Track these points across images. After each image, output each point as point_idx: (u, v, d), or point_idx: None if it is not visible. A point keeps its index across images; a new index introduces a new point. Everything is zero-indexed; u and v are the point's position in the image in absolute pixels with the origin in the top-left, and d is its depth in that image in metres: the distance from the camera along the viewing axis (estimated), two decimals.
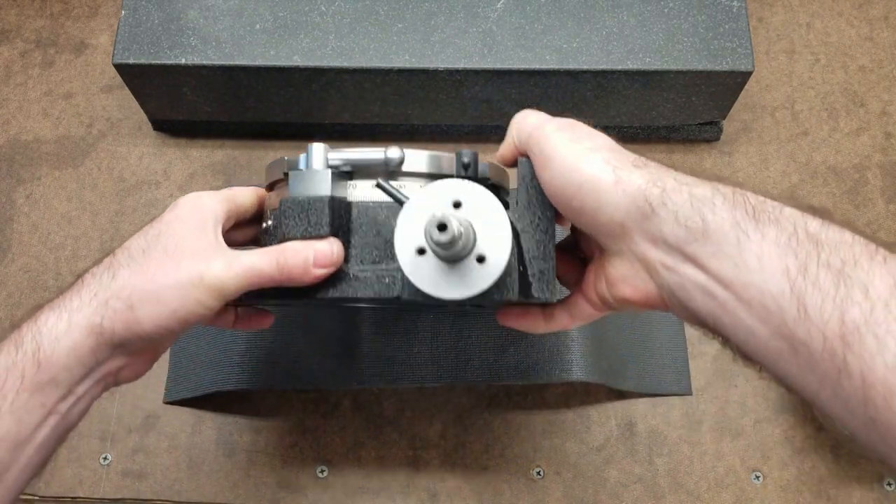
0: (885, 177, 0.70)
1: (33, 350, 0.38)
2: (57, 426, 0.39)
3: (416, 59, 0.62)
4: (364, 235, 0.40)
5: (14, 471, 0.38)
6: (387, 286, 0.39)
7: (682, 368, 0.65)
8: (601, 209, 0.35)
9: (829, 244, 0.31)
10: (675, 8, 0.64)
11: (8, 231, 0.70)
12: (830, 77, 0.74)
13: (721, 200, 0.33)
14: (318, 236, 0.40)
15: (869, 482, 0.61)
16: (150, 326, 0.39)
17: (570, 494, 0.61)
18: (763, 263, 0.31)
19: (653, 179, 0.35)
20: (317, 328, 0.61)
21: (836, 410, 0.30)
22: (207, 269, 0.39)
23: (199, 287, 0.39)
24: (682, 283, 0.34)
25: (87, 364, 0.39)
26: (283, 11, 0.64)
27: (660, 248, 0.35)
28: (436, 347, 0.60)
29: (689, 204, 0.33)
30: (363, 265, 0.40)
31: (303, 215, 0.40)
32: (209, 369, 0.61)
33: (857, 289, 0.29)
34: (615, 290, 0.38)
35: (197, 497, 0.62)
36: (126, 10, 0.64)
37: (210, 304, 0.39)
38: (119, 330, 0.39)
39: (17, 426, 0.38)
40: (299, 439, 0.63)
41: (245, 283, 0.39)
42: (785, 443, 0.62)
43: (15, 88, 0.75)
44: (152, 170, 0.72)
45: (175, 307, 0.39)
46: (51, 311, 0.39)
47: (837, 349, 0.29)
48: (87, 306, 0.39)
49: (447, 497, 0.61)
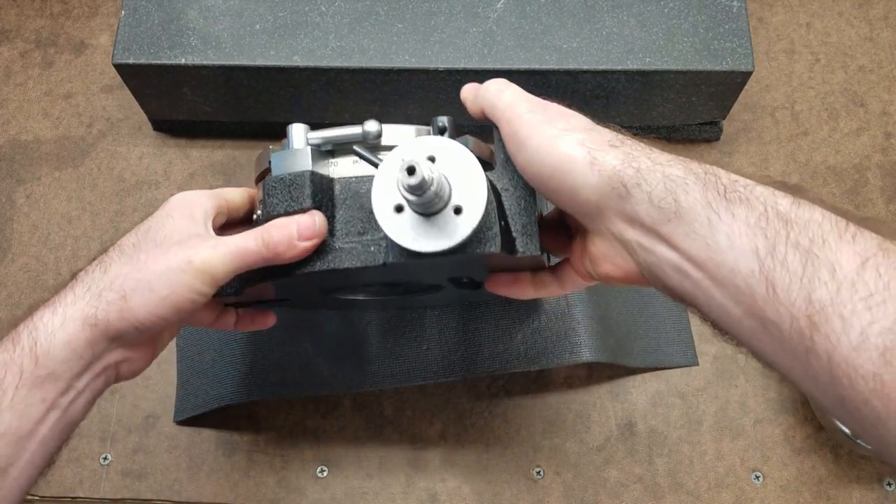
0: (885, 177, 0.70)
1: (30, 345, 0.39)
2: (59, 421, 0.40)
3: (416, 59, 0.62)
4: (348, 209, 0.41)
5: (18, 466, 0.38)
6: (372, 254, 0.39)
7: (686, 340, 0.65)
8: (577, 190, 0.35)
9: (798, 223, 0.31)
10: (675, 8, 0.64)
11: (8, 231, 0.70)
12: (830, 77, 0.74)
13: (693, 180, 0.33)
14: (300, 210, 0.40)
15: (869, 482, 0.61)
16: (144, 314, 0.39)
17: (570, 494, 0.61)
18: (733, 243, 0.31)
19: (627, 160, 0.35)
20: (323, 333, 0.61)
21: (809, 388, 0.31)
22: (195, 253, 0.40)
23: (188, 271, 0.39)
24: (658, 263, 0.35)
25: (84, 357, 0.39)
26: (283, 11, 0.64)
27: (636, 229, 0.35)
28: (444, 343, 0.60)
29: (662, 185, 0.34)
30: (348, 238, 0.41)
31: (285, 191, 0.41)
32: (217, 384, 0.61)
33: (825, 269, 0.29)
34: (598, 267, 0.38)
35: (197, 497, 0.62)
36: (126, 10, 0.64)
37: (201, 289, 0.39)
38: (114, 320, 0.39)
39: (18, 421, 0.38)
40: (299, 439, 0.63)
41: (233, 263, 0.40)
42: (785, 443, 0.62)
43: (15, 88, 0.75)
44: (152, 170, 0.72)
45: (166, 293, 0.39)
46: (46, 308, 0.40)
47: (805, 329, 0.29)
48: (81, 300, 0.39)
49: (447, 497, 0.61)
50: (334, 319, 0.62)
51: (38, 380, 0.38)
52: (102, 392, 0.42)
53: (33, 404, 0.38)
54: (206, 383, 0.62)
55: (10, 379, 0.38)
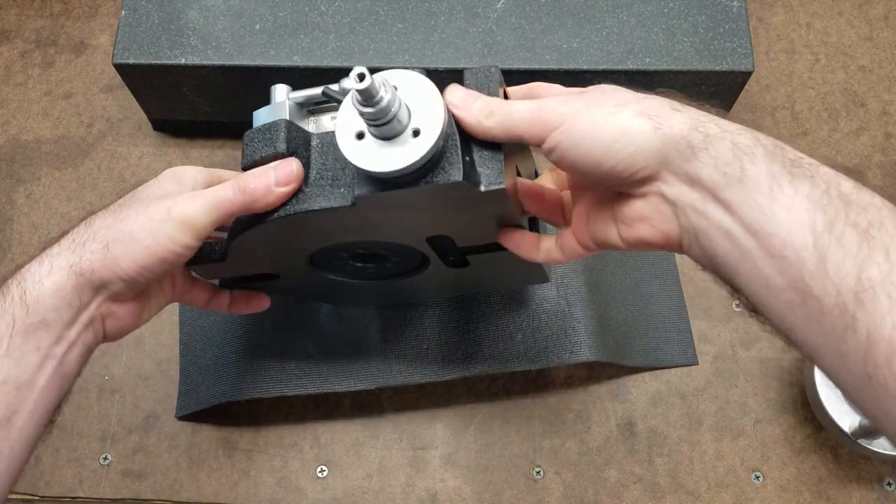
0: (885, 177, 0.70)
1: (20, 294, 0.40)
2: (55, 372, 0.41)
3: (416, 59, 0.62)
4: (323, 160, 0.42)
5: (21, 416, 0.39)
6: (342, 195, 0.40)
7: (686, 340, 0.65)
8: (635, 157, 0.35)
9: (858, 204, 0.32)
10: (675, 8, 0.64)
11: (8, 231, 0.70)
12: (830, 77, 0.74)
13: (762, 151, 0.33)
14: (275, 155, 0.41)
15: (869, 482, 0.61)
16: (126, 263, 0.40)
17: (570, 494, 0.61)
18: (791, 216, 0.32)
19: (694, 124, 0.35)
20: (324, 332, 0.61)
21: (835, 366, 0.31)
22: (174, 204, 0.41)
23: (168, 221, 0.40)
24: (708, 227, 0.34)
25: (72, 304, 0.40)
26: (283, 11, 0.64)
27: (695, 190, 0.35)
28: (444, 342, 0.60)
29: (730, 152, 0.34)
30: (321, 184, 0.41)
31: (260, 138, 0.42)
32: (218, 381, 0.61)
33: (879, 250, 0.30)
34: (633, 230, 0.37)
35: (197, 497, 0.62)
36: (126, 10, 0.64)
37: (182, 240, 0.40)
38: (98, 269, 0.40)
39: (16, 369, 0.39)
40: (299, 439, 0.63)
41: (212, 213, 0.41)
42: (785, 443, 0.62)
43: (15, 88, 0.75)
44: (152, 170, 0.72)
45: (148, 243, 0.40)
46: (33, 262, 0.41)
47: (849, 304, 0.30)
48: (67, 250, 0.41)
49: (447, 497, 0.61)
50: (335, 319, 0.62)
51: (31, 327, 0.39)
52: (93, 349, 0.43)
53: (28, 352, 0.39)
54: (208, 379, 0.62)
55: (3, 328, 0.39)
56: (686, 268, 0.67)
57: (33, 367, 0.39)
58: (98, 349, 0.66)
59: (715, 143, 0.34)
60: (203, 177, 0.45)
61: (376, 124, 0.36)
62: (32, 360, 0.39)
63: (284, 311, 0.62)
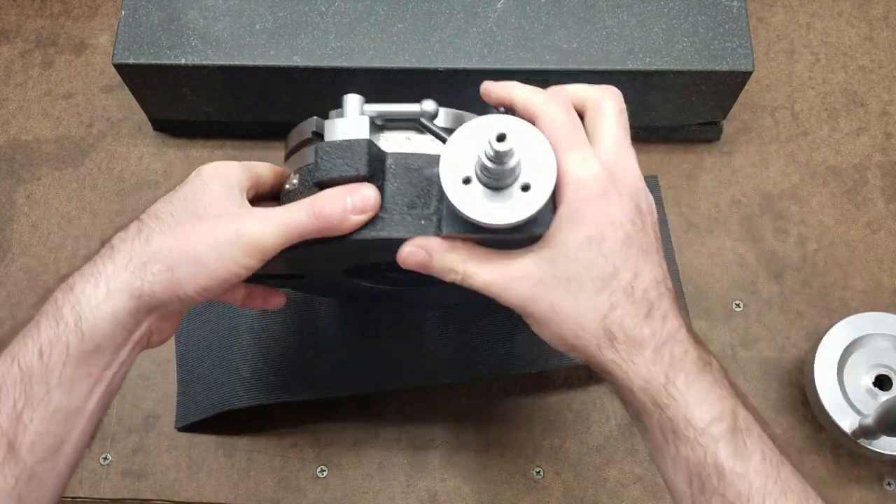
0: (885, 177, 0.70)
1: (75, 320, 0.38)
2: (104, 394, 0.40)
3: (416, 59, 0.62)
4: (398, 183, 0.40)
5: (70, 442, 0.39)
6: (423, 227, 0.39)
7: None
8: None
9: (730, 477, 0.36)
10: (675, 8, 0.64)
11: (8, 231, 0.70)
12: (830, 77, 0.74)
13: (721, 430, 0.37)
14: (356, 178, 0.39)
15: (869, 482, 0.61)
16: (191, 287, 0.39)
17: (570, 494, 0.61)
18: (676, 474, 0.38)
19: (664, 371, 0.38)
20: (324, 335, 0.61)
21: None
22: (244, 226, 0.39)
23: (237, 244, 0.39)
24: (620, 385, 0.40)
25: (127, 328, 0.39)
26: (283, 11, 0.64)
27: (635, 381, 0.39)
28: (444, 344, 0.60)
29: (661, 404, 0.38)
30: (397, 209, 0.40)
31: (340, 156, 0.40)
32: (218, 388, 0.61)
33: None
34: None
35: (197, 497, 0.62)
36: (126, 10, 0.64)
37: (247, 263, 0.39)
38: (159, 292, 0.39)
39: (67, 398, 0.38)
40: (299, 439, 0.63)
41: (283, 236, 0.39)
42: (785, 443, 0.62)
43: (15, 88, 0.75)
44: (152, 170, 0.72)
45: (214, 266, 0.39)
46: (85, 280, 0.39)
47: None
48: (125, 271, 0.39)
49: (447, 497, 0.61)
50: (335, 323, 0.62)
51: (85, 354, 0.38)
52: (134, 360, 0.42)
53: (80, 379, 0.38)
54: (207, 388, 0.62)
55: (56, 356, 0.38)
56: (686, 268, 0.67)
57: (84, 394, 0.39)
58: None
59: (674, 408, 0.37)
60: (246, 176, 0.43)
61: (491, 178, 0.35)
62: (84, 387, 0.39)
63: (284, 316, 0.61)
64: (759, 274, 0.67)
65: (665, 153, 0.72)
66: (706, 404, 0.37)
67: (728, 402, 0.37)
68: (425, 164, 0.41)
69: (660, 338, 0.37)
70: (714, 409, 0.37)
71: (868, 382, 0.60)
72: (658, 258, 0.39)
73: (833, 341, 0.61)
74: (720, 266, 0.67)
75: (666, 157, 0.71)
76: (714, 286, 0.67)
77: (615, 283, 0.38)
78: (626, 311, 0.38)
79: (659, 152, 0.72)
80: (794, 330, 0.65)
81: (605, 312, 0.38)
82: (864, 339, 0.61)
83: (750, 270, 0.67)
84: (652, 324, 0.38)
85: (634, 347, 0.37)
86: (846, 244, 0.68)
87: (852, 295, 0.66)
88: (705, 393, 0.37)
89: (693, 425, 0.36)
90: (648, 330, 0.37)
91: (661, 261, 0.39)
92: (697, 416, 0.36)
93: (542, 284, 0.38)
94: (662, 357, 0.37)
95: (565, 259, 0.38)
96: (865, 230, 0.68)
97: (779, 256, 0.68)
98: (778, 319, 0.66)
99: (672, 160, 0.71)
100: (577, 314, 0.38)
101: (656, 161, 0.71)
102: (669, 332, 0.38)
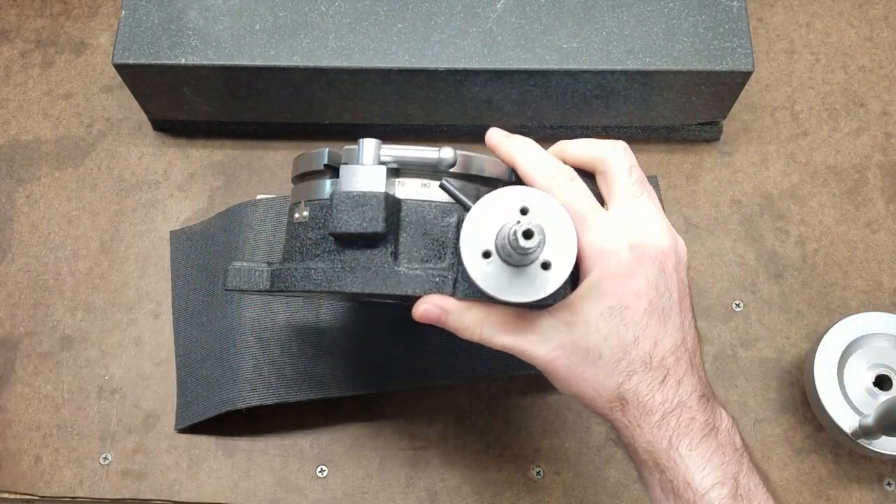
0: (885, 177, 0.70)
1: None
2: None
3: (416, 59, 0.62)
4: (412, 234, 0.41)
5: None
6: (437, 284, 0.39)
7: None
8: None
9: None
10: (675, 8, 0.64)
11: (8, 231, 0.70)
12: (830, 77, 0.74)
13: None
14: (372, 233, 0.39)
15: (869, 482, 0.61)
16: None
17: (570, 494, 0.61)
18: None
19: (665, 445, 0.39)
20: (325, 336, 0.61)
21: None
22: None
23: None
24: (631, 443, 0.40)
25: None
26: (283, 11, 0.64)
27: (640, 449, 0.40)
28: (444, 345, 0.60)
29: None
30: (411, 263, 0.40)
31: (356, 209, 0.40)
32: (218, 390, 0.61)
33: None
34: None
35: (197, 497, 0.62)
36: (126, 10, 0.64)
37: None
38: None
39: None
40: (299, 439, 0.63)
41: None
42: (785, 443, 0.62)
43: (15, 88, 0.75)
44: (152, 170, 0.72)
45: None
46: None
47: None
48: None
49: (447, 497, 0.61)
50: (336, 323, 0.61)
51: None
52: None
53: None
54: (207, 390, 0.61)
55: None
56: None
57: None
58: (97, 349, 0.66)
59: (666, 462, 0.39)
60: None
61: (512, 260, 0.35)
62: None
63: (284, 317, 0.61)
64: (759, 274, 0.67)
65: (665, 153, 0.72)
66: (708, 469, 0.37)
67: (730, 468, 0.38)
68: (441, 214, 0.41)
69: (670, 405, 0.38)
70: (716, 475, 0.37)
71: (868, 382, 0.60)
72: (680, 320, 0.40)
73: (833, 341, 0.61)
74: (720, 266, 0.67)
75: (666, 157, 0.71)
76: (714, 286, 0.67)
77: (634, 353, 0.38)
78: (642, 379, 0.38)
79: (659, 152, 0.72)
80: (794, 330, 0.65)
81: (621, 381, 0.38)
82: (864, 339, 0.61)
83: (750, 270, 0.67)
84: (665, 391, 0.38)
85: (644, 414, 0.38)
86: (846, 244, 0.68)
87: (852, 295, 0.66)
88: (707, 458, 0.38)
89: (693, 489, 0.37)
90: (661, 397, 0.38)
91: (682, 321, 0.40)
92: (698, 480, 0.37)
93: (562, 349, 0.39)
94: (669, 423, 0.38)
95: (585, 327, 0.38)
96: (865, 230, 0.68)
97: (779, 256, 0.68)
98: (778, 319, 0.66)
99: (672, 160, 0.71)
100: (594, 381, 0.39)
101: (656, 161, 0.71)
102: (681, 398, 0.38)
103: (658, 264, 0.39)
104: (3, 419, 0.64)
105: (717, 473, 0.37)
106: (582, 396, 0.40)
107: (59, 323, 0.66)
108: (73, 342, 0.66)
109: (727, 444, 0.39)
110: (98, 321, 0.66)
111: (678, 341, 0.39)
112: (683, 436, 0.38)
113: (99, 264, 0.68)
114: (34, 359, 0.65)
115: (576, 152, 0.42)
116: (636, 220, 0.40)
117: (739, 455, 0.39)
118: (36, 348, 0.66)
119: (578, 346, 0.38)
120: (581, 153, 0.42)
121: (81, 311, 0.67)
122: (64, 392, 0.64)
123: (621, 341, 0.38)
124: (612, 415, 0.40)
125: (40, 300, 0.67)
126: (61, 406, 0.64)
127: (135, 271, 0.68)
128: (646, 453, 0.39)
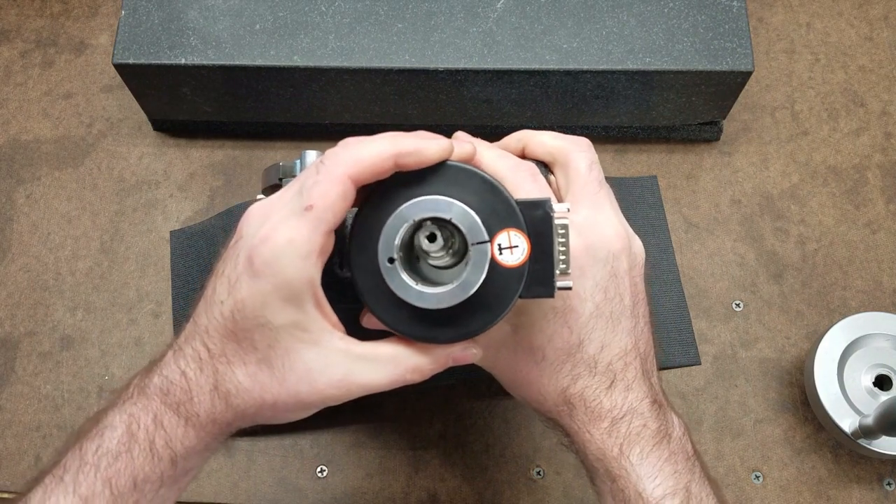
0: (885, 177, 0.70)
1: (170, 456, 0.38)
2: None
3: (416, 59, 0.62)
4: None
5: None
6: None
7: (688, 340, 0.65)
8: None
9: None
10: (675, 8, 0.64)
11: (8, 231, 0.70)
12: (830, 77, 0.74)
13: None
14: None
15: (869, 482, 0.61)
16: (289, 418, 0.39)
17: (570, 494, 0.61)
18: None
19: (616, 446, 0.38)
20: None
21: None
22: (354, 375, 0.38)
23: (344, 389, 0.39)
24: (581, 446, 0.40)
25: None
26: (283, 11, 0.64)
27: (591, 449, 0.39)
28: None
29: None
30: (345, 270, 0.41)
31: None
32: None
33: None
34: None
35: (197, 497, 0.62)
36: (126, 10, 0.64)
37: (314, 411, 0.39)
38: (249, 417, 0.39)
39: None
40: (299, 439, 0.63)
41: (393, 382, 0.39)
42: (785, 443, 0.62)
43: (15, 88, 0.75)
44: (152, 170, 0.72)
45: (287, 417, 0.40)
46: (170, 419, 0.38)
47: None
48: (211, 425, 0.39)
49: (447, 497, 0.61)
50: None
51: (175, 478, 0.40)
52: None
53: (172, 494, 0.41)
54: None
55: (150, 485, 0.38)
56: (686, 268, 0.67)
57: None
58: (97, 349, 0.66)
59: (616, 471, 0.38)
60: (317, 264, 0.36)
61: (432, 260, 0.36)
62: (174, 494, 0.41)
63: None
64: (759, 274, 0.67)
65: (665, 153, 0.72)
66: (660, 479, 0.37)
67: (683, 477, 0.37)
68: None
69: (619, 411, 0.37)
70: (667, 484, 0.37)
71: (868, 382, 0.60)
72: (631, 324, 0.38)
73: (833, 341, 0.61)
74: (720, 266, 0.67)
75: (666, 157, 0.71)
76: (714, 286, 0.67)
77: (579, 356, 0.37)
78: (588, 383, 0.38)
79: (659, 152, 0.72)
80: (794, 330, 0.65)
81: (567, 385, 0.38)
82: (864, 339, 0.61)
83: (750, 270, 0.67)
84: (613, 396, 0.38)
85: (592, 420, 0.38)
86: (846, 244, 0.68)
87: (852, 295, 0.66)
88: (659, 467, 0.37)
89: (644, 499, 0.36)
90: (609, 403, 0.37)
91: (633, 326, 0.39)
92: (650, 490, 0.37)
93: (505, 349, 0.38)
94: (619, 430, 0.37)
95: (530, 328, 0.38)
96: (865, 230, 0.68)
97: (779, 256, 0.68)
98: (778, 319, 0.66)
99: (672, 160, 0.71)
100: (538, 383, 0.38)
101: (656, 161, 0.71)
102: (631, 404, 0.38)
103: (609, 267, 0.38)
104: (3, 419, 0.64)
105: (668, 483, 0.37)
106: (529, 399, 0.39)
107: (59, 323, 0.66)
108: (73, 342, 0.66)
109: (679, 452, 0.38)
110: (98, 321, 0.66)
111: (627, 346, 0.38)
112: (634, 444, 0.37)
113: (99, 264, 0.68)
114: (34, 359, 0.65)
115: (538, 143, 0.42)
116: (590, 220, 0.39)
117: (691, 464, 0.38)
118: (36, 348, 0.66)
119: (522, 347, 0.38)
120: (543, 144, 0.41)
121: (81, 311, 0.67)
122: (64, 392, 0.64)
123: (565, 343, 0.37)
124: (560, 419, 0.39)
125: (40, 300, 0.67)
126: (61, 406, 0.64)
127: (135, 271, 0.68)
128: (597, 461, 0.38)
